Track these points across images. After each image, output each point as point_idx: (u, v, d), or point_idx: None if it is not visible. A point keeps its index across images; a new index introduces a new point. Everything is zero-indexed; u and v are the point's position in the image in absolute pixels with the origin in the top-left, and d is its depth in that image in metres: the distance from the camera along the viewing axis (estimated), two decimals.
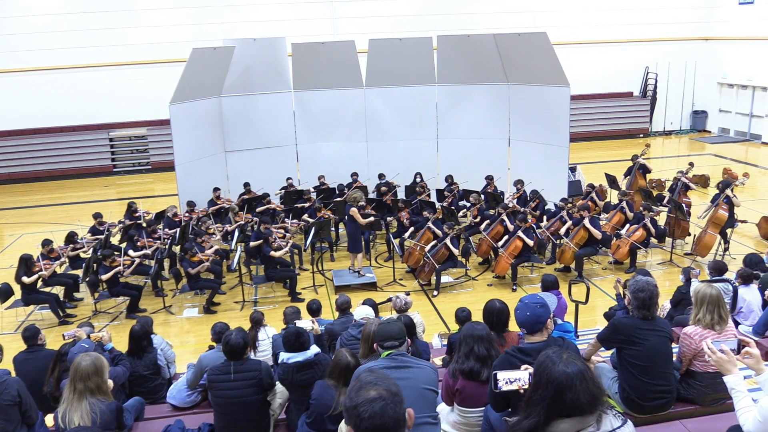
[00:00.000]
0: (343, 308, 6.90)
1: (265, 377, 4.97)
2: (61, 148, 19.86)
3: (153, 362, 6.19)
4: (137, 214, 12.32)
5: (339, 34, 20.34)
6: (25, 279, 9.49)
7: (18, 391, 4.68)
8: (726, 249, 11.12)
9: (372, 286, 10.53)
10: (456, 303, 9.50)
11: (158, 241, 10.92)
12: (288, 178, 13.64)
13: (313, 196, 12.98)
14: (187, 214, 12.07)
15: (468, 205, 12.73)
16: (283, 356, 5.10)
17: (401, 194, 13.68)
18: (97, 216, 11.99)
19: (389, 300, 7.11)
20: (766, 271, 7.58)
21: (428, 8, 21.14)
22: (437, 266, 10.33)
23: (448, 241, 10.24)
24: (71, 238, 11.13)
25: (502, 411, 3.67)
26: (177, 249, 11.07)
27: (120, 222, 12.13)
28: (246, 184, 13.33)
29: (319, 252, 12.13)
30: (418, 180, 13.72)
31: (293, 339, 5.09)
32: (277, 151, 14.15)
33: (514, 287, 10.34)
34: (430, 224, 10.91)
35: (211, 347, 6.53)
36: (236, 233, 11.24)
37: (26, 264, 9.61)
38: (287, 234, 11.15)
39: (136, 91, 20.02)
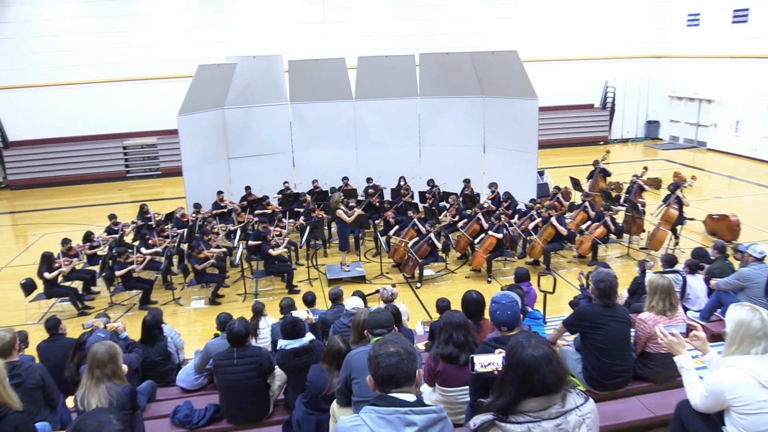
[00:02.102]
0: (335, 299, 6.88)
1: (265, 362, 4.96)
2: (79, 155, 19.67)
3: (163, 349, 6.16)
4: (148, 215, 12.22)
5: (331, 51, 20.30)
6: (46, 274, 9.39)
7: (41, 376, 4.63)
8: (676, 244, 11.22)
9: (361, 279, 10.51)
10: (437, 294, 9.53)
11: (167, 240, 10.86)
12: (285, 182, 13.58)
13: (308, 198, 12.95)
14: (193, 215, 11.99)
15: (447, 205, 12.77)
16: (281, 343, 5.09)
17: (387, 196, 13.68)
18: (112, 217, 11.88)
19: (377, 291, 7.11)
20: (711, 263, 7.66)
21: (412, 29, 21.19)
22: (420, 261, 10.34)
23: (432, 237, 10.26)
24: (88, 237, 11.04)
25: (482, 396, 3.68)
26: (185, 247, 11.00)
27: (133, 222, 12.03)
28: (247, 188, 13.26)
29: (314, 249, 12.10)
30: (402, 183, 13.72)
31: (290, 327, 5.09)
32: (275, 158, 14.07)
33: (489, 279, 10.37)
34: (416, 221, 10.91)
35: (216, 335, 6.50)
36: (238, 232, 11.18)
37: (48, 261, 9.51)
38: (284, 232, 11.11)
39: (148, 104, 19.87)
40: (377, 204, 12.62)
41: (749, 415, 3.05)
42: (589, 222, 11.21)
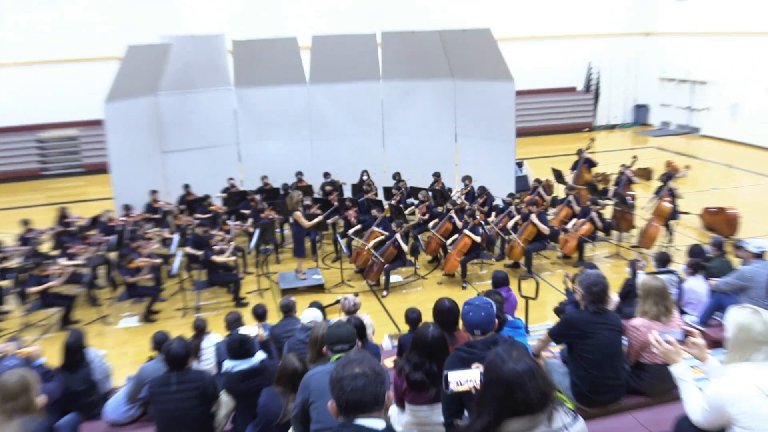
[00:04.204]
0: (287, 311, 6.82)
1: (209, 387, 4.86)
2: None
3: (88, 377, 5.98)
4: (69, 220, 11.93)
5: (281, 30, 20.11)
6: None
7: None
8: (670, 240, 11.49)
9: (319, 288, 10.45)
10: (406, 303, 9.51)
11: (92, 248, 10.62)
12: (230, 179, 13.44)
13: (257, 196, 12.83)
14: (123, 219, 11.76)
15: (416, 202, 12.79)
16: (228, 364, 5.01)
17: (348, 193, 13.66)
18: (25, 223, 11.56)
19: (338, 302, 7.06)
20: (709, 261, 7.84)
21: (372, 4, 21.15)
22: (386, 265, 10.33)
23: (399, 238, 10.25)
24: None
25: (457, 416, 3.67)
26: (113, 256, 10.77)
27: (51, 229, 11.70)
28: (186, 186, 13.08)
29: (264, 254, 11.99)
30: (364, 178, 13.72)
31: (237, 346, 5.01)
32: (218, 151, 13.94)
33: (464, 285, 10.42)
34: (374, 227, 10.90)
35: (151, 358, 6.36)
36: (176, 238, 10.99)
37: None
38: (230, 237, 10.98)
39: (67, 90, 19.23)
40: (336, 203, 12.59)
41: (755, 431, 3.09)
42: (574, 218, 11.39)
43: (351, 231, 11.40)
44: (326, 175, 13.68)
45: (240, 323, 6.53)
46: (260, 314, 7.05)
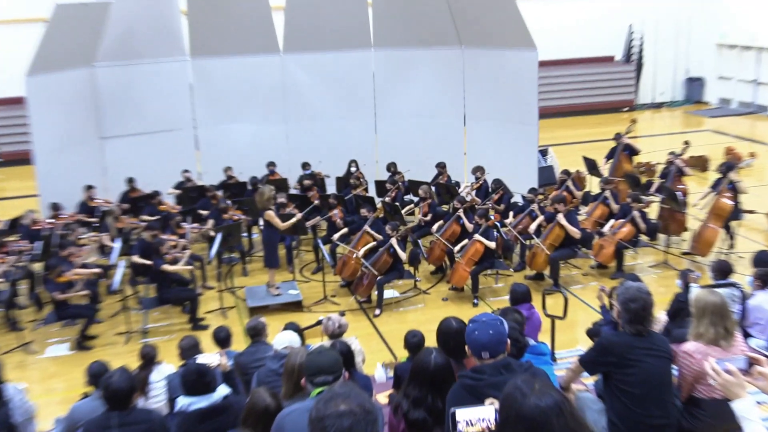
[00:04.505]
0: (256, 334, 6.81)
1: (158, 430, 4.85)
2: None
3: (5, 419, 5.95)
4: None
5: None
6: None
7: None
8: (731, 246, 11.51)
9: (296, 306, 10.44)
10: (404, 324, 9.50)
11: (12, 258, 10.56)
12: (185, 171, 13.42)
13: (219, 193, 12.80)
14: (50, 221, 11.71)
15: (416, 200, 12.77)
16: (182, 402, 4.98)
17: (331, 188, 13.66)
18: None
19: (319, 323, 7.04)
20: None
21: None
22: (379, 278, 10.31)
23: (395, 244, 10.25)
24: None
25: None
26: (38, 267, 10.72)
27: None
28: (130, 180, 13.05)
29: (228, 264, 11.96)
30: (352, 170, 13.72)
31: (195, 379, 4.99)
32: (170, 137, 13.91)
33: (475, 301, 10.42)
34: (367, 227, 10.90)
35: (85, 395, 6.34)
36: (118, 244, 10.96)
37: None
38: (185, 242, 10.97)
39: None
40: (317, 200, 12.58)
41: None
42: (611, 219, 11.40)
43: (336, 235, 11.37)
44: (305, 166, 13.67)
45: (198, 350, 6.50)
46: (223, 339, 7.03)
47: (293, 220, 10.74)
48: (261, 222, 10.82)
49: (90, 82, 13.28)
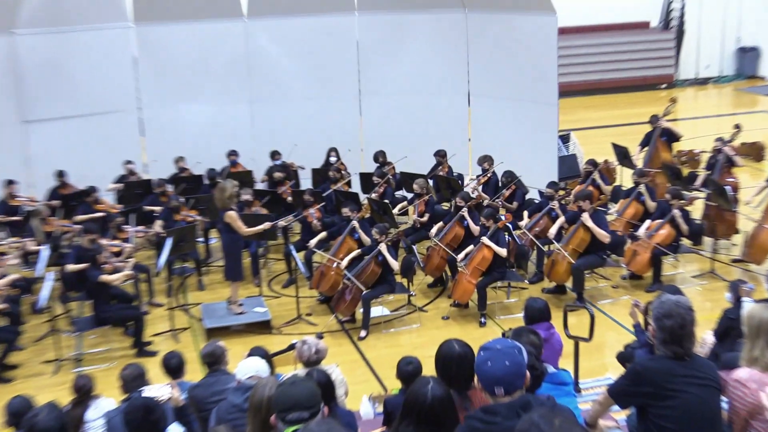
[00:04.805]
0: (214, 361, 6.79)
1: None
2: None
3: None
4: None
5: None
6: None
7: None
8: None
9: (264, 326, 10.43)
10: (396, 348, 9.52)
11: None
12: (128, 162, 13.38)
13: (169, 188, 12.76)
14: None
15: (410, 196, 12.76)
16: None
17: (307, 182, 13.67)
18: None
19: (292, 348, 7.03)
20: None
21: None
22: (365, 292, 10.29)
23: (384, 250, 10.23)
24: None
25: None
26: None
27: None
28: (60, 174, 12.97)
29: (180, 276, 11.93)
30: (332, 160, 13.70)
31: (140, 416, 4.97)
32: (109, 120, 13.85)
33: (483, 320, 10.43)
34: (355, 224, 10.88)
35: None
36: (44, 251, 10.91)
37: None
38: (128, 249, 10.92)
39: None
40: (290, 197, 12.55)
41: None
42: (647, 219, 11.41)
43: (313, 241, 11.34)
44: (274, 155, 13.65)
45: (144, 381, 6.48)
46: (174, 368, 7.00)
47: (261, 227, 10.72)
48: (221, 224, 10.78)
49: (9, 53, 13.22)
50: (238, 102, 14.25)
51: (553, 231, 11.06)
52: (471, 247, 10.70)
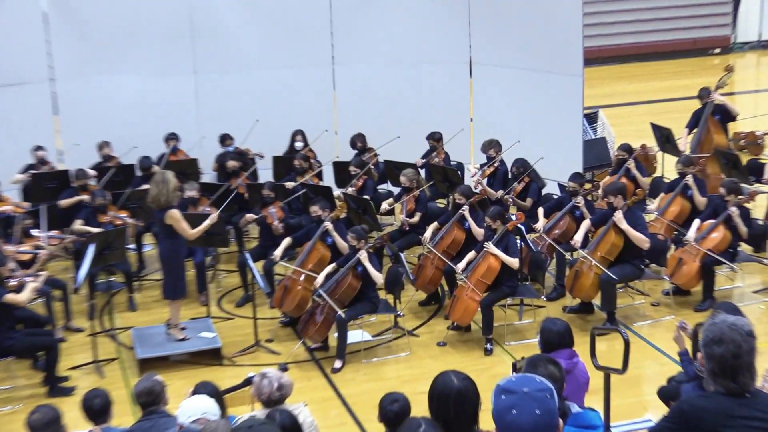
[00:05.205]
0: (149, 401, 6.78)
1: None
2: None
3: None
4: None
5: None
6: None
7: None
8: None
9: (213, 356, 10.42)
10: (379, 383, 9.54)
11: None
12: (37, 148, 13.32)
13: (93, 183, 12.72)
14: None
15: (396, 191, 12.77)
16: None
17: (266, 174, 13.70)
18: None
19: (248, 383, 7.04)
20: None
21: None
22: (339, 312, 10.27)
23: (364, 259, 10.22)
24: None
25: None
26: None
27: None
28: None
29: (106, 293, 11.90)
30: (298, 146, 13.73)
31: None
32: (14, 95, 13.84)
33: (489, 347, 10.43)
34: (328, 226, 10.88)
35: None
36: None
37: None
38: (41, 258, 10.90)
39: None
40: (245, 192, 12.55)
41: None
42: (696, 219, 11.44)
43: (279, 251, 11.30)
44: (225, 140, 13.71)
45: (58, 427, 6.47)
46: (98, 410, 6.99)
47: (207, 223, 10.71)
48: (158, 227, 10.76)
49: None
50: (179, 73, 14.25)
51: (578, 237, 11.06)
52: (473, 254, 10.73)
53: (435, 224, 11.61)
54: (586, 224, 11.09)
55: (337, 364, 10.27)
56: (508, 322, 11.09)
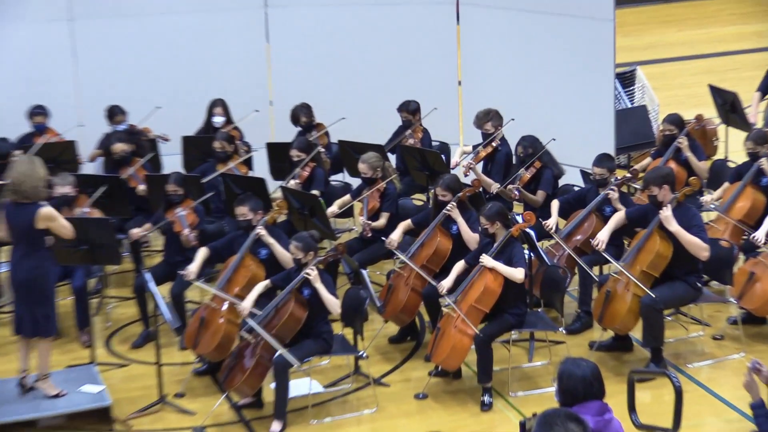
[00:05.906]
0: None
1: None
2: None
3: None
4: None
5: None
6: None
7: None
8: None
9: (100, 418, 10.37)
10: None
11: None
12: None
13: None
14: None
15: (356, 185, 12.76)
16: None
17: (173, 161, 13.69)
18: None
19: None
20: None
21: None
22: (278, 354, 10.23)
23: (314, 280, 10.17)
24: None
25: None
26: None
27: None
28: None
29: None
30: (217, 121, 13.75)
31: None
32: None
33: (487, 399, 10.41)
34: (260, 234, 10.85)
35: None
36: None
37: None
38: None
39: None
40: (142, 188, 12.51)
41: None
42: None
43: (194, 268, 11.23)
44: (115, 114, 13.71)
45: None
46: None
47: (97, 219, 10.66)
48: (15, 234, 10.66)
49: None
50: (49, 19, 14.26)
51: (603, 235, 11.05)
52: (462, 267, 10.72)
53: (407, 223, 11.61)
54: (618, 217, 11.09)
55: (276, 426, 10.20)
56: (513, 364, 11.11)
